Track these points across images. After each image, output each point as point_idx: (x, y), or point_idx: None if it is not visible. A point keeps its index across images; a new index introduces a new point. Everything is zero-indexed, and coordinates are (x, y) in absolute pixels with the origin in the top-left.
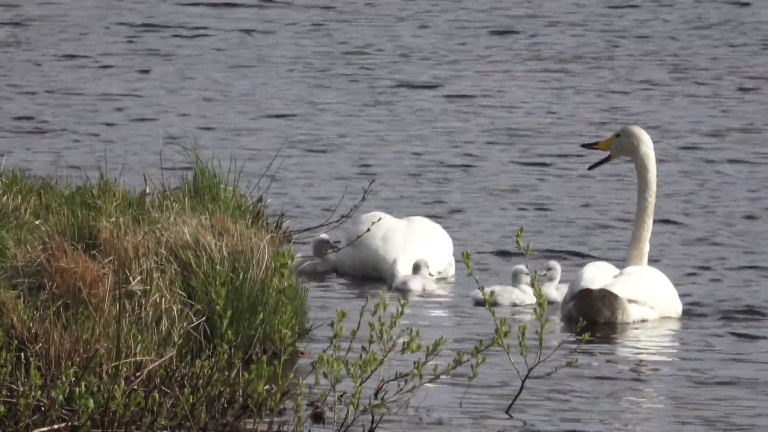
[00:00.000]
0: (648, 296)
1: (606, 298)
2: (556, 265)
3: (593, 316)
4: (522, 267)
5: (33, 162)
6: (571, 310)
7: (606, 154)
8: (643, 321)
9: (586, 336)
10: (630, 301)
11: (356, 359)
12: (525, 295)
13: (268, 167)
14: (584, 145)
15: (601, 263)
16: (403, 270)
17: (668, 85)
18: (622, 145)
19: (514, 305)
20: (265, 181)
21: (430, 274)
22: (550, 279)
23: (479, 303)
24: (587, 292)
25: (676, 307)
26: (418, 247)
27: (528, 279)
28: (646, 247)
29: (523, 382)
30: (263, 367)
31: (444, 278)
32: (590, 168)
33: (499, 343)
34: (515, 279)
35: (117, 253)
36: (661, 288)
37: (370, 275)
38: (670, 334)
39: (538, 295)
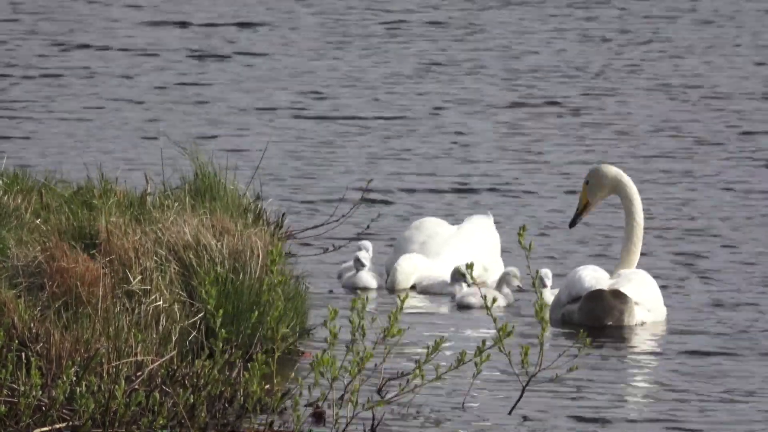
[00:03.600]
0: (647, 298)
1: (618, 298)
2: (547, 272)
3: (603, 318)
4: (513, 269)
5: (34, 161)
6: (572, 312)
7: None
8: (642, 323)
9: (588, 342)
10: (635, 302)
11: (353, 357)
12: (500, 297)
13: (257, 162)
14: (572, 224)
15: (592, 266)
16: (403, 274)
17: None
18: (596, 188)
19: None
20: (266, 181)
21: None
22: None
23: (462, 306)
24: (599, 293)
25: (664, 310)
26: (453, 251)
27: (516, 282)
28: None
29: (524, 387)
30: (258, 365)
31: (483, 282)
32: (572, 225)
33: (500, 349)
34: (502, 282)
35: (117, 253)
36: (655, 290)
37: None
38: (670, 337)
39: (540, 299)
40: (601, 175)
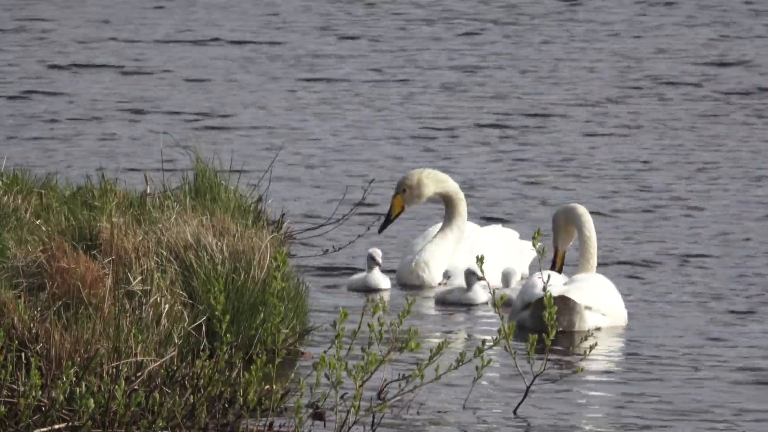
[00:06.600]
0: (601, 303)
1: (565, 304)
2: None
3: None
4: (510, 268)
5: (34, 162)
6: (525, 319)
7: (559, 249)
8: (597, 328)
9: (595, 344)
10: (586, 307)
11: (357, 362)
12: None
13: (256, 163)
14: (557, 270)
15: (548, 272)
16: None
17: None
18: (556, 230)
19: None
20: (266, 181)
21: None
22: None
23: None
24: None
25: (624, 314)
26: (459, 256)
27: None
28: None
29: (528, 387)
30: (259, 368)
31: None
32: (559, 270)
33: (506, 348)
34: (504, 280)
35: (117, 253)
36: (611, 295)
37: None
38: (669, 339)
39: (549, 300)
40: (555, 218)
